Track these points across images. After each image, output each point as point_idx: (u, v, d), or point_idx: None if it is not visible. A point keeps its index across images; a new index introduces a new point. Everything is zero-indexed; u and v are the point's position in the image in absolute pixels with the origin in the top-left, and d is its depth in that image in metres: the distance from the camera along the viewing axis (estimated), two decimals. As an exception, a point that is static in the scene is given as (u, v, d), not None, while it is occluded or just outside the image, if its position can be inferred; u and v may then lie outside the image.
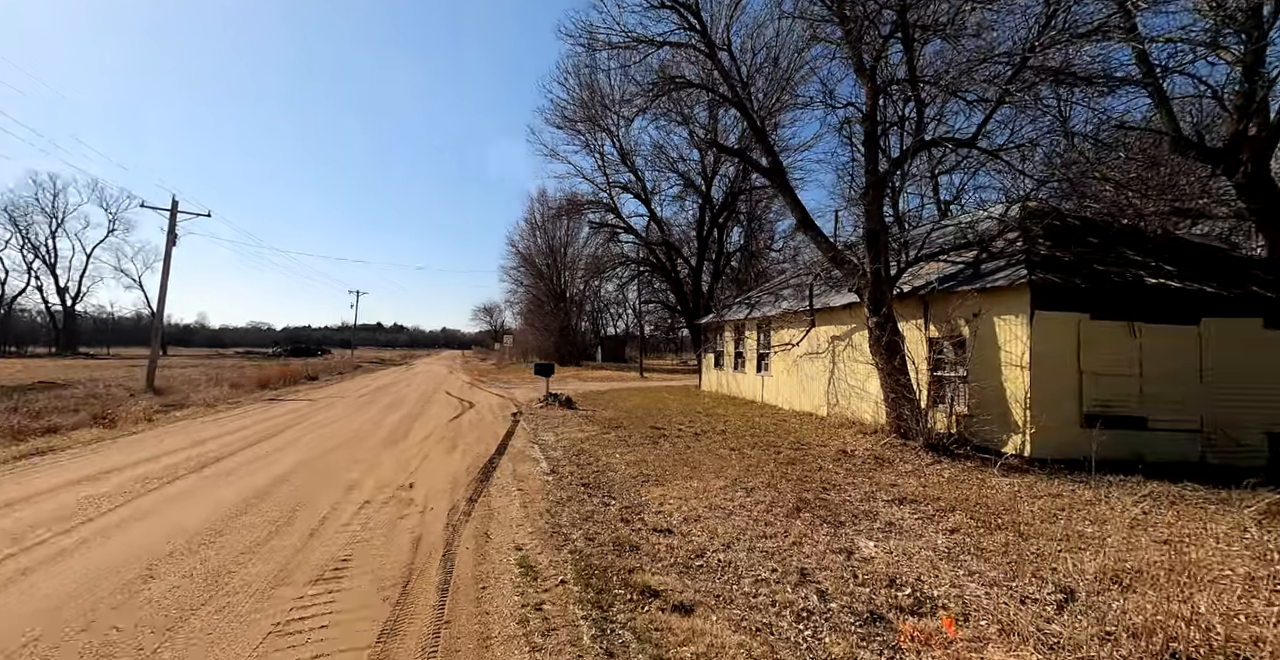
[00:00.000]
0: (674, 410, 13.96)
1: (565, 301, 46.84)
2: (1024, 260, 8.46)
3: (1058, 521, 5.00)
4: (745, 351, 17.37)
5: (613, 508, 5.39)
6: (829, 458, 7.90)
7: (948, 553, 4.18)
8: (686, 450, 8.46)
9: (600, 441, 9.27)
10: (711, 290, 25.22)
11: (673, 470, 7.00)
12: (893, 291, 9.54)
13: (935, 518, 5.13)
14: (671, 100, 20.76)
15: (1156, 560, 3.98)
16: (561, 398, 15.25)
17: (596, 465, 7.40)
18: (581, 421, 11.80)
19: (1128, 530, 4.76)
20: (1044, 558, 4.05)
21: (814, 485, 6.28)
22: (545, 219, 45.99)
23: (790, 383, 14.38)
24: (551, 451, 8.54)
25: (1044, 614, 3.11)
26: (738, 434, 10.08)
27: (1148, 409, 8.03)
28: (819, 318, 12.66)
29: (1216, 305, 8.33)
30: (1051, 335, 7.83)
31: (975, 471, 7.11)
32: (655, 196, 26.35)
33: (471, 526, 4.93)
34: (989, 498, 5.76)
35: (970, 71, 9.16)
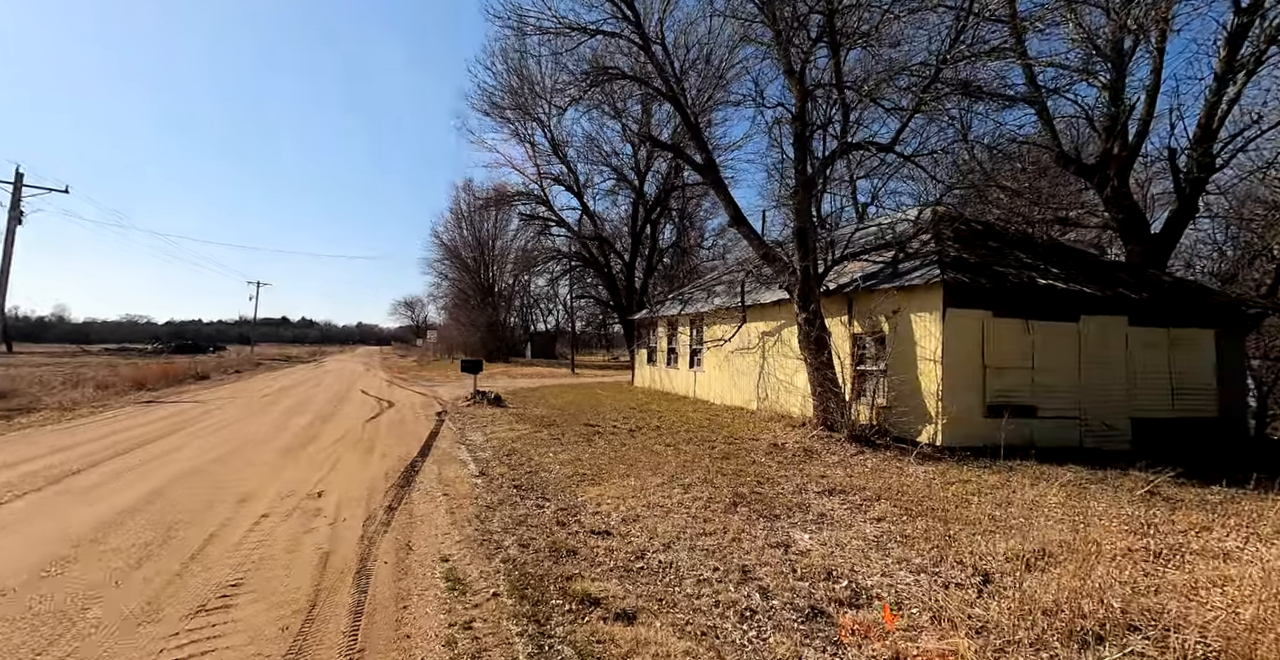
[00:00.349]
0: (608, 407, 13.83)
1: (493, 296, 45.34)
2: (937, 261, 9.06)
3: (969, 506, 5.36)
4: (678, 347, 17.54)
5: (548, 510, 5.16)
6: (761, 451, 8.08)
7: (876, 541, 4.33)
8: (622, 447, 8.35)
9: (532, 440, 8.96)
10: (645, 286, 25.27)
11: (609, 468, 6.86)
12: (820, 288, 9.92)
13: (862, 507, 5.33)
14: (605, 92, 20.51)
15: (1054, 539, 4.34)
16: (490, 395, 14.68)
17: (529, 466, 7.11)
18: (512, 420, 11.38)
19: (1028, 512, 5.18)
20: (961, 542, 4.30)
21: (749, 479, 6.37)
22: (472, 210, 44.28)
23: (722, 378, 14.67)
24: (480, 452, 8.14)
25: (967, 598, 3.27)
26: (672, 429, 10.11)
27: (1037, 399, 8.88)
28: (750, 314, 12.97)
29: (1092, 304, 9.34)
30: (960, 331, 8.44)
31: (894, 461, 7.53)
32: (588, 190, 26.02)
33: (391, 537, 4.53)
34: (909, 486, 6.09)
35: (890, 79, 9.67)
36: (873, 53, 10.81)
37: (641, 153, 24.41)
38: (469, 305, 43.90)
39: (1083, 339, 9.25)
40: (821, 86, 10.52)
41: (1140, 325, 9.63)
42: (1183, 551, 4.09)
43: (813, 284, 9.75)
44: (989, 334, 8.59)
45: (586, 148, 25.14)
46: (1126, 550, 4.16)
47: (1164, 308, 9.82)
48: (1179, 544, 4.28)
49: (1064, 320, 9.13)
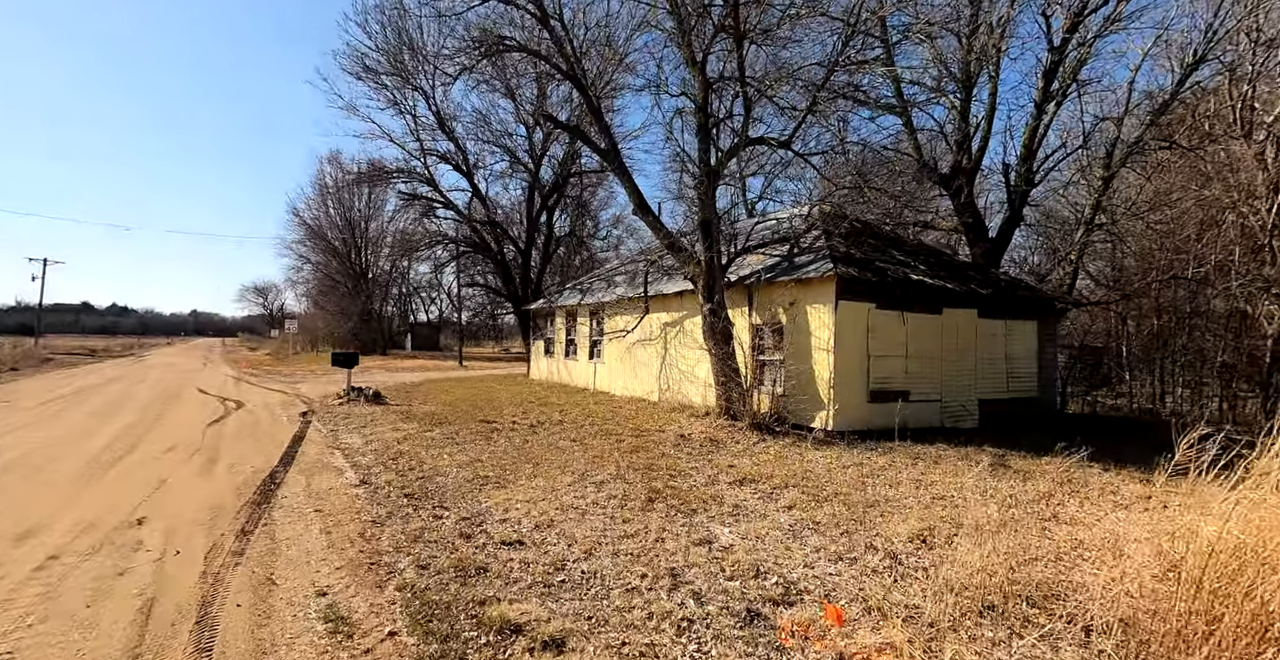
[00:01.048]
0: (504, 401, 13.11)
1: (367, 283, 41.34)
2: (829, 255, 9.64)
3: (866, 489, 5.71)
4: (577, 338, 17.16)
5: (448, 521, 4.61)
6: (669, 443, 8.05)
7: (792, 531, 4.41)
8: (525, 445, 7.86)
9: (422, 441, 8.13)
10: (541, 275, 24.42)
11: (514, 469, 6.38)
12: (724, 280, 10.13)
13: (773, 495, 5.45)
14: (496, 67, 19.27)
15: (940, 515, 4.73)
16: (368, 391, 13.23)
17: (421, 470, 6.39)
18: (396, 418, 10.30)
19: (914, 490, 5.64)
20: (866, 525, 4.52)
21: (661, 473, 6.27)
22: (341, 186, 39.76)
23: (623, 369, 14.58)
24: (360, 457, 7.19)
25: (885, 584, 3.39)
26: (576, 423, 9.78)
27: (910, 384, 9.85)
28: (653, 305, 12.97)
29: (952, 298, 10.56)
30: (849, 322, 9.07)
31: (794, 447, 7.90)
32: (479, 171, 24.40)
33: (246, 571, 3.73)
34: (811, 472, 6.38)
35: (788, 77, 10.06)
36: (771, 53, 11.21)
37: (537, 135, 23.41)
38: (338, 292, 39.62)
39: (944, 330, 10.42)
40: (724, 79, 10.67)
41: (986, 317, 11.08)
42: (1042, 520, 4.65)
43: (717, 275, 9.92)
44: (872, 325, 9.34)
45: (476, 126, 23.50)
46: (1001, 523, 4.61)
47: (1002, 302, 11.37)
48: (1038, 512, 4.87)
49: (930, 312, 10.20)
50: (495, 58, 12.69)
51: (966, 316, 10.74)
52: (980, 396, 10.92)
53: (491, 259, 23.95)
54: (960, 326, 10.62)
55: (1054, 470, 6.70)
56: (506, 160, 24.33)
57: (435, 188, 23.19)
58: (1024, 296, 11.82)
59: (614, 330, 14.33)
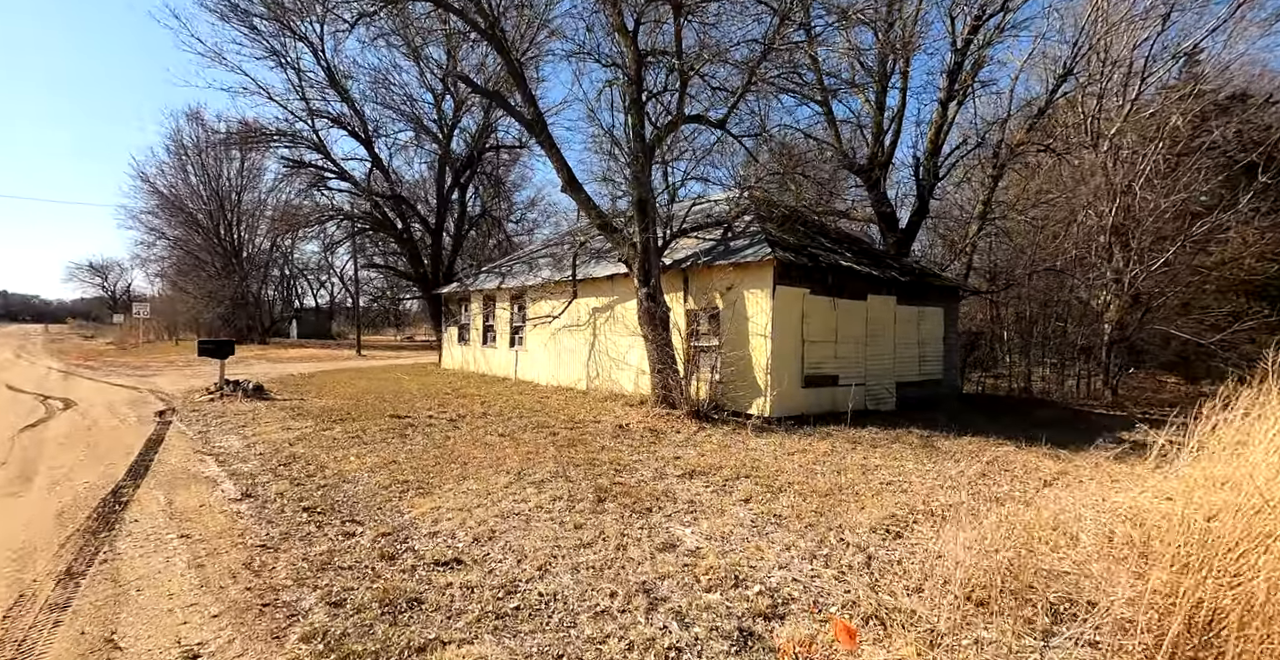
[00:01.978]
0: (416, 393, 11.99)
1: (241, 262, 36.65)
2: (765, 240, 9.60)
3: (815, 476, 5.65)
4: (497, 325, 16.15)
5: (363, 539, 3.88)
6: (608, 435, 7.62)
7: (756, 527, 4.17)
8: (447, 441, 7.07)
9: (321, 441, 7.07)
10: (454, 257, 22.73)
11: (437, 471, 5.64)
12: (660, 263, 9.78)
13: (726, 488, 5.21)
14: (399, 20, 17.40)
15: (896, 503, 4.73)
16: (247, 385, 11.53)
17: (323, 476, 5.47)
18: (286, 416, 8.98)
19: (862, 476, 5.66)
20: (827, 516, 4.40)
21: (605, 468, 5.84)
22: (204, 148, 34.68)
23: (548, 357, 13.90)
24: (241, 463, 6.07)
25: (869, 583, 3.22)
26: (503, 416, 9.06)
27: (839, 369, 10.14)
28: (581, 289, 12.38)
29: (876, 285, 10.99)
30: (786, 308, 9.10)
31: (735, 435, 7.77)
32: (381, 139, 22.09)
33: (70, 634, 2.82)
34: (758, 461, 6.24)
35: (722, 55, 9.80)
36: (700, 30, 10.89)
37: (447, 104, 21.53)
38: (203, 273, 34.79)
39: (869, 316, 10.83)
40: (657, 53, 10.22)
41: (903, 304, 11.69)
42: (990, 500, 4.78)
43: (654, 258, 9.55)
44: (807, 310, 9.45)
45: (375, 88, 21.12)
46: (951, 507, 4.68)
47: (917, 290, 12.06)
48: (982, 493, 5.02)
49: (857, 298, 10.54)
50: (398, 5, 11.25)
51: (887, 303, 11.24)
52: (898, 379, 11.54)
53: (396, 238, 21.88)
54: (881, 312, 11.10)
55: (976, 449, 7.10)
56: (411, 130, 22.33)
57: (327, 155, 20.64)
58: (935, 284, 12.61)
59: (538, 316, 13.57)
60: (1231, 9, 16.25)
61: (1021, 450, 7.06)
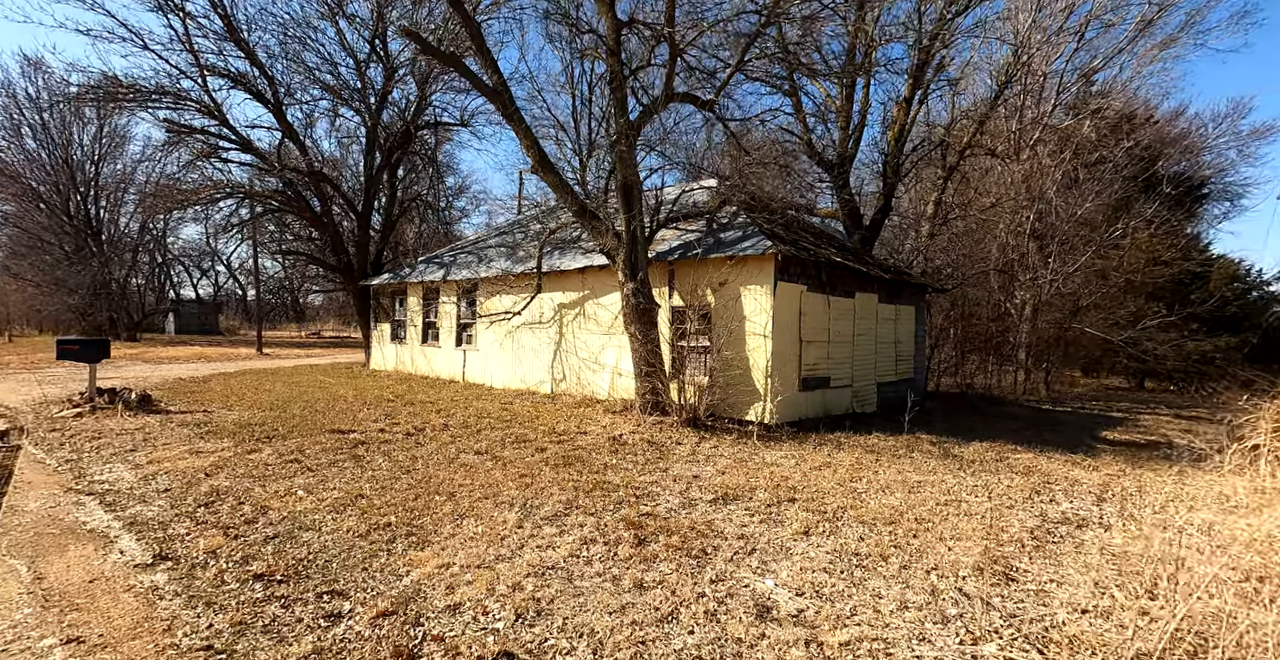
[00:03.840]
0: (352, 400, 10.57)
1: (102, 245, 32.05)
2: (759, 231, 9.14)
3: (862, 498, 5.21)
4: (440, 320, 14.78)
5: (357, 623, 2.92)
6: (604, 449, 6.84)
7: (843, 573, 3.61)
8: (415, 464, 6.02)
9: (250, 469, 5.79)
10: (384, 245, 20.74)
11: (421, 506, 4.65)
12: (648, 254, 9.07)
13: (773, 517, 4.64)
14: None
15: (970, 531, 4.34)
16: (129, 395, 9.65)
17: (268, 521, 4.33)
18: (191, 434, 7.47)
19: (909, 496, 5.28)
20: (909, 552, 3.92)
21: (621, 495, 5.09)
22: (45, 106, 29.79)
23: (504, 357, 12.81)
24: (141, 505, 4.76)
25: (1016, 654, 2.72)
26: (469, 428, 8.02)
27: (831, 370, 9.90)
28: (547, 282, 11.42)
29: (862, 283, 10.86)
30: (786, 306, 8.68)
31: (742, 445, 7.24)
32: (295, 107, 19.69)
33: None
34: (786, 478, 5.72)
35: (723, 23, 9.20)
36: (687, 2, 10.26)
37: (373, 71, 19.57)
38: (49, 257, 30.05)
39: (856, 314, 10.68)
40: (636, 23, 9.48)
41: (884, 302, 11.68)
42: (1065, 524, 4.50)
43: (641, 248, 8.82)
44: (804, 308, 9.09)
45: (286, 46, 18.70)
46: (1034, 535, 4.35)
47: (894, 287, 12.11)
48: (1046, 513, 4.76)
49: (846, 296, 10.35)
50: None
51: (870, 301, 11.16)
52: (879, 380, 11.52)
53: (313, 222, 19.54)
54: (866, 311, 11.00)
55: (995, 457, 6.98)
56: (330, 99, 20.06)
57: (223, 121, 17.87)
58: (911, 282, 12.74)
59: (495, 312, 12.45)
60: (1130, 36, 17.84)
61: (1039, 456, 7.02)
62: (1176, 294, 21.00)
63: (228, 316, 46.91)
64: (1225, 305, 21.82)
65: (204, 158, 19.08)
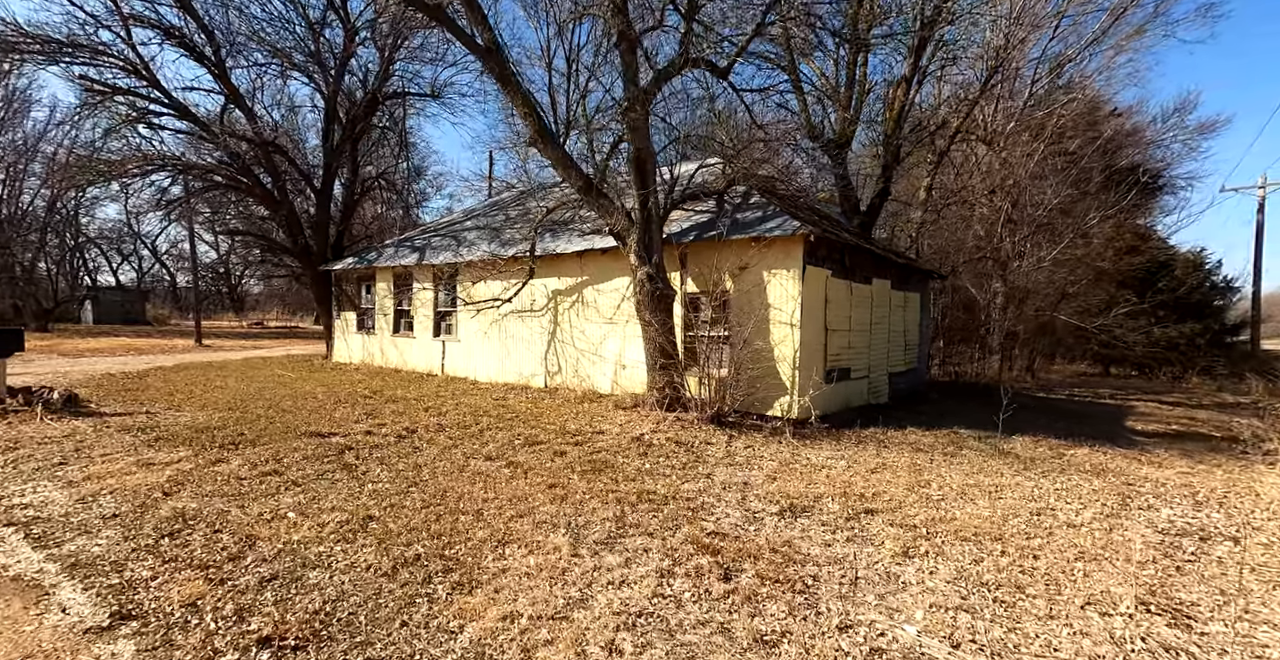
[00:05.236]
0: (321, 396, 9.59)
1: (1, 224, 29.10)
2: (779, 211, 8.58)
3: (941, 507, 4.77)
4: (415, 309, 13.74)
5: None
6: (630, 452, 6.21)
7: (983, 610, 3.11)
8: (420, 474, 5.24)
9: (219, 485, 4.91)
10: (344, 227, 19.29)
11: (448, 530, 3.91)
12: (662, 235, 8.39)
13: (858, 534, 4.12)
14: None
15: (1093, 549, 3.94)
16: (47, 394, 8.43)
17: (258, 557, 3.53)
18: (136, 441, 6.45)
19: (992, 503, 4.87)
20: (1047, 582, 3.46)
21: (673, 509, 4.48)
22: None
23: (489, 348, 11.95)
24: (83, 537, 3.87)
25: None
26: (467, 428, 7.24)
27: (851, 361, 9.49)
28: (540, 267, 10.61)
29: (879, 268, 10.48)
30: (813, 291, 8.17)
31: (777, 444, 6.73)
32: (241, 69, 17.93)
33: None
34: (848, 484, 5.23)
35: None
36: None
37: (330, 32, 18.02)
38: None
39: (872, 301, 10.30)
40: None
41: (896, 289, 11.37)
42: (1187, 537, 4.14)
43: (655, 228, 8.14)
44: (829, 295, 8.62)
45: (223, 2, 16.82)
46: (1170, 556, 3.96)
47: (904, 274, 11.82)
48: (1153, 522, 4.40)
49: (864, 282, 9.94)
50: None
51: (884, 288, 10.81)
52: (890, 370, 11.23)
53: (264, 200, 17.92)
54: (881, 298, 10.65)
55: (1052, 454, 6.68)
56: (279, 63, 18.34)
57: (153, 82, 15.95)
58: (919, 268, 12.48)
59: (481, 299, 11.55)
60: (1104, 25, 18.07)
61: (1094, 452, 6.77)
62: (1146, 283, 21.74)
63: (155, 305, 43.58)
64: (1191, 293, 22.74)
65: (129, 124, 17.05)
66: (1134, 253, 21.71)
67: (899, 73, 16.46)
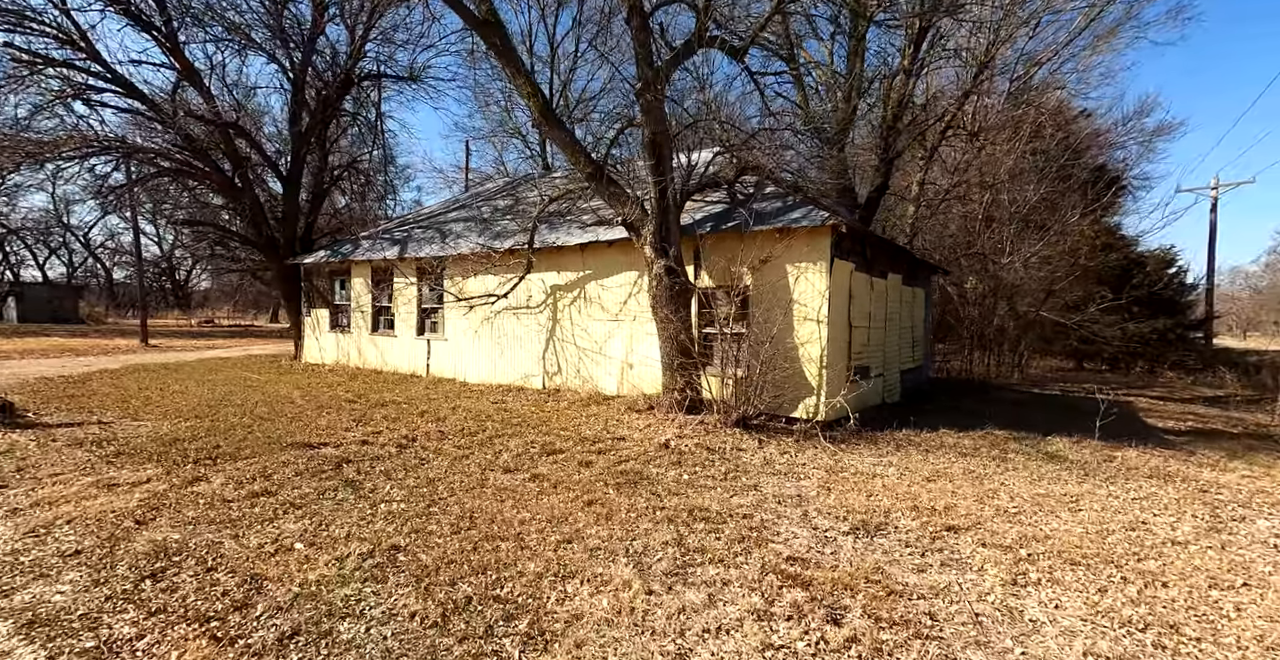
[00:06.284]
0: (300, 401, 8.84)
1: None
2: (806, 201, 8.21)
3: (1021, 521, 4.46)
4: (397, 305, 12.96)
5: None
6: (662, 461, 5.75)
7: (1137, 655, 2.76)
8: (438, 490, 4.67)
9: (204, 509, 4.25)
10: (313, 219, 18.20)
11: (496, 564, 3.38)
12: (679, 224, 7.92)
13: (954, 559, 3.77)
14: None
15: (1224, 572, 3.65)
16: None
17: (272, 604, 2.95)
18: (91, 457, 5.69)
19: (1074, 515, 4.58)
20: (1192, 616, 3.14)
21: (736, 530, 4.05)
22: None
23: (480, 347, 11.31)
24: (44, 586, 3.22)
25: None
26: (473, 435, 6.66)
27: (871, 358, 9.22)
28: (539, 261, 10.02)
29: (894, 263, 10.24)
30: (840, 286, 7.84)
31: (815, 451, 6.37)
32: (194, 44, 16.64)
33: None
34: (915, 497, 4.87)
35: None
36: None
37: (297, 6, 16.91)
38: None
39: (888, 297, 10.06)
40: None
41: (906, 285, 11.18)
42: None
43: (672, 217, 7.68)
44: (854, 289, 8.30)
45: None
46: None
47: (912, 269, 11.64)
48: (1252, 534, 4.17)
49: (880, 277, 9.68)
50: None
51: (896, 283, 10.59)
52: (901, 367, 11.04)
53: (223, 187, 16.72)
54: (893, 293, 10.42)
55: (1104, 457, 6.48)
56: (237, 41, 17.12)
57: (91, 53, 14.54)
58: (926, 262, 12.34)
59: (473, 295, 10.90)
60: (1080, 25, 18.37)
61: (1144, 454, 6.62)
62: (1122, 279, 22.32)
63: (90, 302, 40.83)
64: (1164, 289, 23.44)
65: (62, 100, 15.49)
66: (1109, 250, 22.29)
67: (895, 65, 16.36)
